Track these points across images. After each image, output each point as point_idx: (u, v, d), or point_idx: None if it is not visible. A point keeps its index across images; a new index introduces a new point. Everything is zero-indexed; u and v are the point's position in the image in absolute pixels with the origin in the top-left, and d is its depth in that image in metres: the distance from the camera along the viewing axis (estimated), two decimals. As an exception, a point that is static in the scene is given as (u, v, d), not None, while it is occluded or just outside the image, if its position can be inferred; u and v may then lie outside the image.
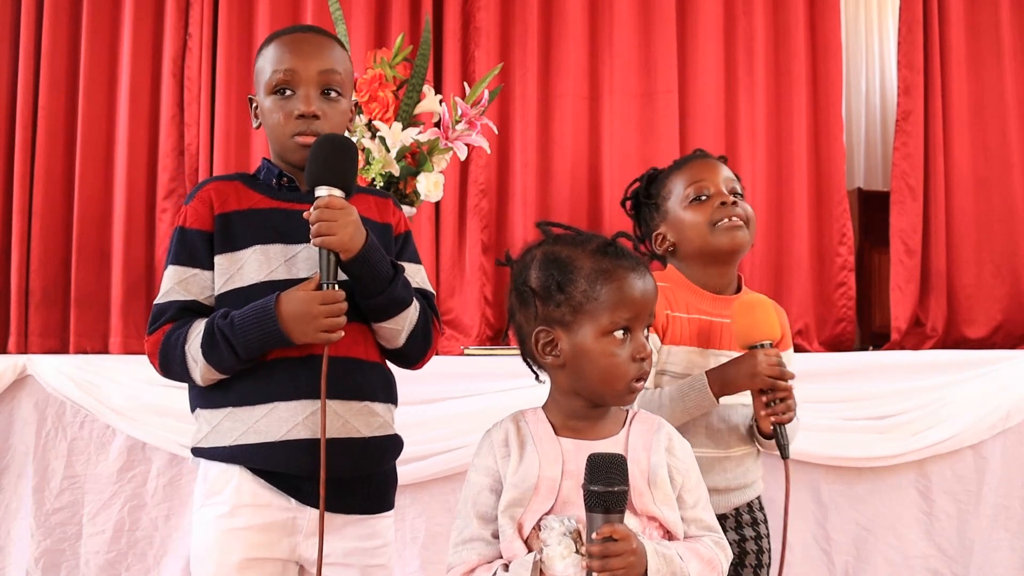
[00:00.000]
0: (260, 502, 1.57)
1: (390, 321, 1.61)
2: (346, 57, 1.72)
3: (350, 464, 1.59)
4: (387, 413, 1.67)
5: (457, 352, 3.40)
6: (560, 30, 3.73)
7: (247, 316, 1.52)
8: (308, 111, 1.61)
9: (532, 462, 1.36)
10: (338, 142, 1.58)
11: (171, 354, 1.57)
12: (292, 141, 1.63)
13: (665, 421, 1.46)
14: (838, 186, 3.80)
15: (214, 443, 1.58)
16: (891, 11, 5.02)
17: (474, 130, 2.77)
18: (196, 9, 3.55)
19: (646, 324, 1.39)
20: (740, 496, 1.80)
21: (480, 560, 1.36)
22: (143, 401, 2.65)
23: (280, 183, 1.67)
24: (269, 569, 1.58)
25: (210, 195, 1.63)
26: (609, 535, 1.24)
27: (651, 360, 1.40)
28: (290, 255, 1.59)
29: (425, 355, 1.71)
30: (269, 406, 1.55)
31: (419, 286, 1.71)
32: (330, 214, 1.51)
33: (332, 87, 1.65)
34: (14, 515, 2.67)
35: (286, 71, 1.63)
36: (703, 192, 1.81)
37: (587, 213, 3.69)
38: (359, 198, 1.69)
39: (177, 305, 1.59)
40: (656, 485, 1.37)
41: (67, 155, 3.49)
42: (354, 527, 1.62)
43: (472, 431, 2.48)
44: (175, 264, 1.61)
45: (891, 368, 2.91)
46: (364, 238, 1.54)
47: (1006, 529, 2.80)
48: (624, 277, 1.38)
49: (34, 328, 3.40)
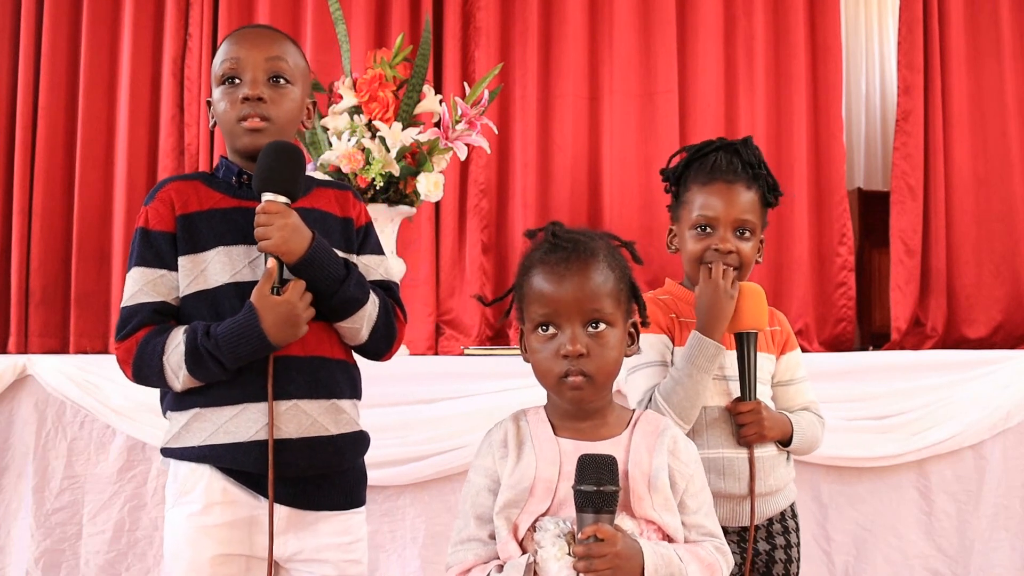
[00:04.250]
0: (229, 499, 1.58)
1: (347, 320, 1.63)
2: (299, 53, 1.71)
3: (320, 462, 1.61)
4: (352, 409, 1.68)
5: (457, 352, 3.40)
6: (560, 30, 3.73)
7: (231, 333, 1.53)
8: (253, 94, 1.61)
9: (529, 463, 1.35)
10: (281, 148, 1.59)
11: (146, 363, 1.57)
12: (239, 127, 1.62)
13: (671, 423, 1.43)
14: (838, 186, 3.80)
15: (184, 443, 1.59)
16: (891, 11, 5.03)
17: (474, 130, 2.77)
18: (196, 9, 3.56)
19: (584, 320, 1.34)
20: (773, 504, 1.79)
21: (476, 561, 1.36)
22: (143, 401, 2.64)
23: (240, 181, 1.66)
24: (237, 565, 1.60)
25: (170, 195, 1.63)
26: (593, 535, 1.23)
27: (592, 357, 1.32)
28: (253, 256, 1.59)
29: (390, 348, 1.72)
30: (239, 407, 1.57)
31: (381, 278, 1.72)
32: (265, 219, 1.54)
33: (279, 74, 1.64)
34: (14, 515, 2.67)
35: (232, 60, 1.63)
36: (709, 224, 1.81)
37: (587, 213, 3.69)
38: (318, 192, 1.70)
39: (148, 307, 1.59)
40: (656, 489, 1.34)
41: (67, 155, 3.49)
42: (326, 524, 1.63)
43: (472, 431, 2.49)
44: (141, 265, 1.61)
45: (891, 368, 2.91)
46: (307, 242, 1.56)
47: (1006, 529, 2.80)
48: (540, 273, 1.36)
49: (34, 328, 3.41)
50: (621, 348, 1.37)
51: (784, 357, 1.89)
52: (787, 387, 1.88)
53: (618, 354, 1.36)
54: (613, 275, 1.37)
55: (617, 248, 1.44)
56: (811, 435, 1.84)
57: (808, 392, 1.90)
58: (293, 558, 1.62)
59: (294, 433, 1.57)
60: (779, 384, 1.88)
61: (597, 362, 1.34)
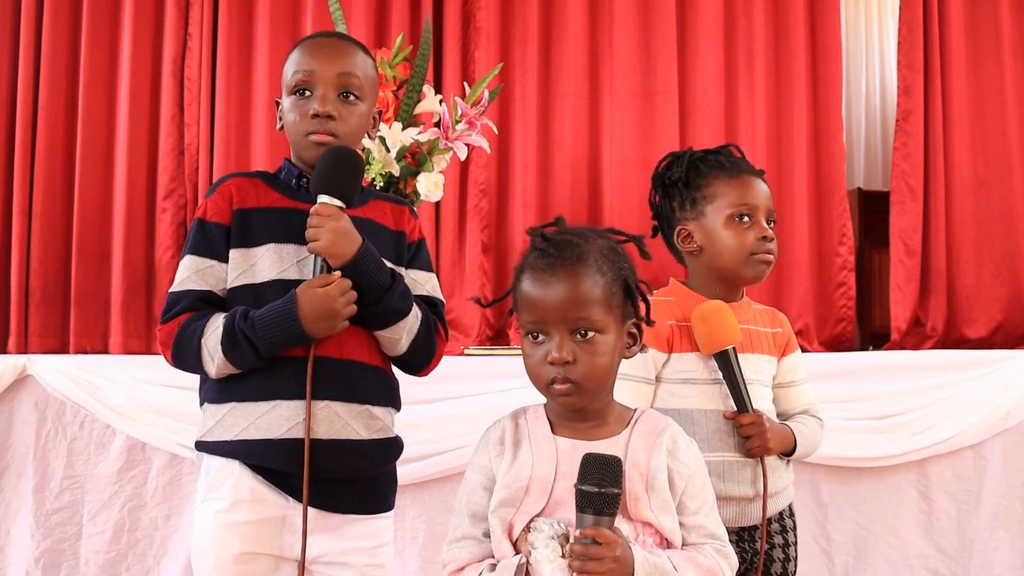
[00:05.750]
0: (258, 498, 1.58)
1: (387, 330, 1.64)
2: (370, 63, 1.73)
3: (348, 465, 1.61)
4: (387, 416, 1.68)
5: (457, 352, 3.40)
6: (560, 30, 3.73)
7: (268, 317, 1.55)
8: (323, 111, 1.63)
9: (525, 461, 1.34)
10: (341, 154, 1.62)
11: (186, 345, 1.58)
12: (306, 140, 1.65)
13: (672, 422, 1.40)
14: (838, 186, 3.80)
15: (217, 437, 1.60)
16: (891, 11, 5.03)
17: (474, 130, 2.77)
18: (196, 9, 3.55)
19: (571, 327, 1.31)
20: (771, 506, 1.78)
21: (471, 559, 1.35)
22: (143, 401, 2.65)
23: (299, 184, 1.69)
24: (265, 564, 1.60)
25: (230, 190, 1.66)
26: (592, 537, 1.22)
27: (579, 365, 1.30)
28: (303, 255, 1.61)
29: (429, 364, 1.73)
30: (272, 403, 1.57)
31: (428, 294, 1.73)
32: (317, 220, 1.56)
33: (350, 90, 1.66)
34: (14, 515, 2.67)
35: (305, 72, 1.66)
36: (749, 214, 1.79)
37: (587, 213, 3.69)
38: (375, 204, 1.72)
39: (194, 295, 1.61)
40: (654, 490, 1.32)
41: (67, 155, 3.49)
42: (352, 527, 1.63)
43: (472, 431, 2.49)
44: (193, 254, 1.64)
45: (891, 368, 2.92)
46: (356, 246, 1.57)
47: (1006, 529, 2.80)
48: (529, 279, 1.35)
49: (34, 328, 3.40)
50: (613, 353, 1.34)
51: (785, 359, 1.88)
52: (787, 389, 1.88)
53: (608, 360, 1.34)
54: (604, 279, 1.34)
55: (620, 245, 1.41)
56: (812, 443, 1.84)
57: (808, 394, 1.90)
58: (318, 560, 1.62)
59: (324, 434, 1.58)
60: (779, 386, 1.87)
61: (583, 370, 1.31)
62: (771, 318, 1.89)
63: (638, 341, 1.40)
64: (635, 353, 1.40)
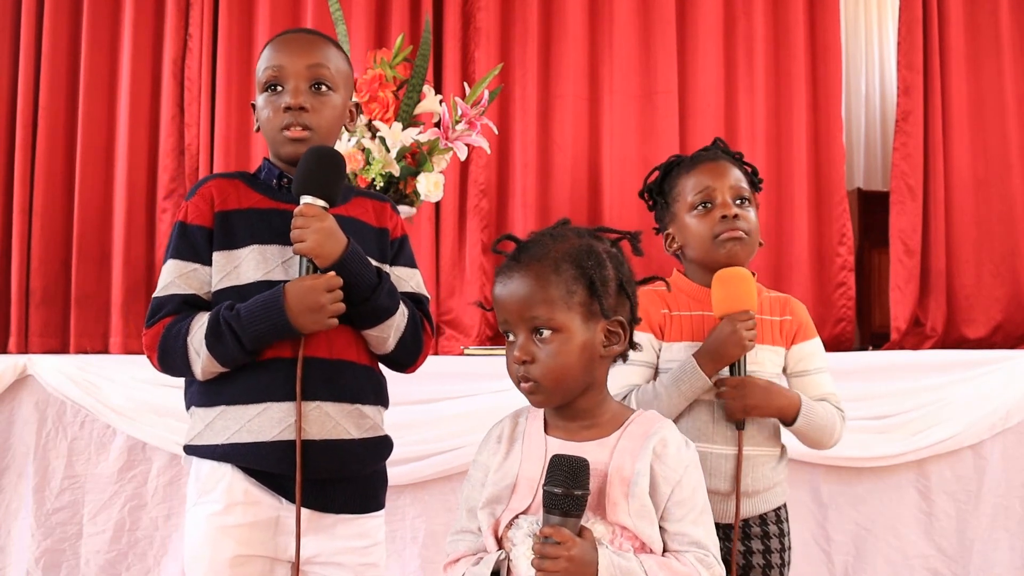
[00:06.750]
0: (251, 500, 1.58)
1: (375, 329, 1.63)
2: (341, 57, 1.72)
3: (340, 465, 1.61)
4: (377, 415, 1.68)
5: (457, 352, 3.40)
6: (560, 30, 3.73)
7: (254, 308, 1.54)
8: (295, 103, 1.62)
9: (515, 460, 1.37)
10: (323, 153, 1.61)
11: (171, 347, 1.57)
12: (281, 135, 1.64)
13: (667, 425, 1.39)
14: (838, 186, 3.80)
15: (207, 441, 1.59)
16: (891, 11, 5.03)
17: (474, 130, 2.77)
18: (196, 9, 3.56)
19: (528, 327, 1.33)
20: (765, 501, 1.77)
21: (466, 552, 1.39)
22: (143, 401, 2.65)
23: (280, 184, 1.68)
24: (259, 566, 1.60)
25: (211, 192, 1.65)
26: (549, 535, 1.23)
27: (537, 364, 1.32)
28: (287, 256, 1.60)
29: (416, 360, 1.73)
30: (262, 406, 1.57)
31: (413, 291, 1.73)
32: (302, 221, 1.55)
33: (321, 81, 1.65)
34: (14, 515, 2.67)
35: (275, 67, 1.65)
36: (708, 199, 1.79)
37: (587, 213, 3.69)
38: (357, 202, 1.71)
39: (178, 299, 1.60)
40: (634, 496, 1.31)
41: (67, 155, 3.49)
42: (344, 527, 1.63)
43: (471, 431, 2.50)
44: (176, 258, 1.63)
45: (891, 368, 2.92)
46: (342, 247, 1.57)
47: (1006, 529, 2.80)
48: (496, 280, 1.39)
49: (34, 328, 3.40)
50: (578, 352, 1.33)
51: (796, 347, 1.83)
52: (801, 378, 1.83)
53: (567, 359, 1.32)
54: (560, 278, 1.33)
55: (613, 246, 1.41)
56: (823, 422, 1.77)
57: (825, 384, 1.84)
58: (311, 560, 1.62)
59: (316, 435, 1.57)
60: (792, 375, 1.84)
61: (541, 369, 1.33)
62: (781, 306, 1.86)
63: (623, 338, 1.38)
64: (618, 351, 1.39)
